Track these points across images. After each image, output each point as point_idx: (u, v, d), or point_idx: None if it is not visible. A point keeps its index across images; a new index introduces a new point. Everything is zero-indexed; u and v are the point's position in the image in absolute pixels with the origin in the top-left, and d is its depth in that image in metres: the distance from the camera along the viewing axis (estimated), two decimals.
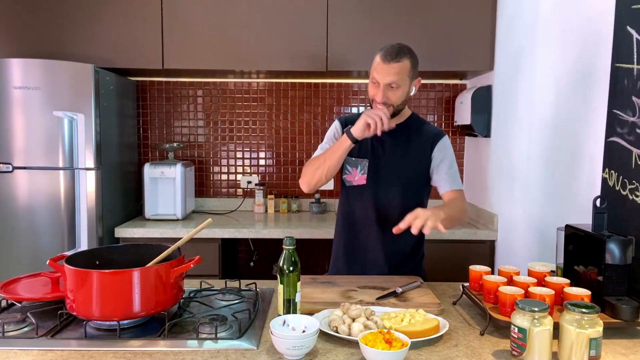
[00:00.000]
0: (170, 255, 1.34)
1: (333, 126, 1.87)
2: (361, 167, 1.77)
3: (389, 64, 1.66)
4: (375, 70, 1.69)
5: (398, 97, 1.69)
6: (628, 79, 1.47)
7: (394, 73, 1.65)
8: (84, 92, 2.43)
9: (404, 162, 1.77)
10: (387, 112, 1.64)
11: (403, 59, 1.68)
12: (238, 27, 2.68)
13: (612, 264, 1.23)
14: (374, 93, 1.69)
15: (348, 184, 1.81)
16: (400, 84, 1.68)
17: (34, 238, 2.45)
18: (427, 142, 1.78)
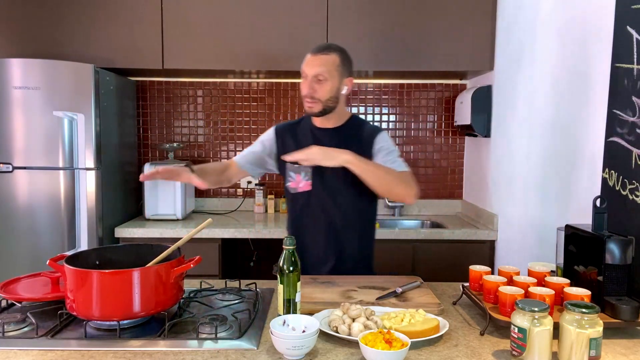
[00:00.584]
0: (170, 255, 1.34)
1: (268, 133, 1.87)
2: (305, 173, 1.75)
3: (316, 55, 1.69)
4: (304, 64, 1.70)
5: (325, 91, 1.68)
6: (628, 79, 1.47)
7: (321, 64, 1.66)
8: (84, 92, 2.43)
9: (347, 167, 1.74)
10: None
11: (331, 52, 1.70)
12: (238, 27, 2.68)
13: (612, 264, 1.23)
14: (302, 88, 1.70)
15: (293, 191, 1.79)
16: (328, 76, 1.67)
17: (34, 238, 2.45)
18: (367, 141, 1.76)
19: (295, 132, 1.83)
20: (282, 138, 1.84)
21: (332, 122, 1.78)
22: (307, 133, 1.81)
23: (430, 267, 2.55)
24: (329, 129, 1.79)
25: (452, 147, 3.18)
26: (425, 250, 2.58)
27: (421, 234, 2.59)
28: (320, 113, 1.71)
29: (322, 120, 1.77)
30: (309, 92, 1.68)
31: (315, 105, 1.69)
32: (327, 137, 1.77)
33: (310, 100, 1.68)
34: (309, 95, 1.68)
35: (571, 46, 1.88)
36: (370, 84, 3.15)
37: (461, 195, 3.19)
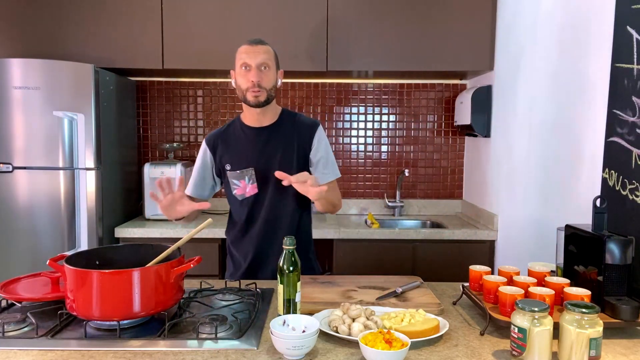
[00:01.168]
0: (170, 255, 1.34)
1: (201, 149, 1.85)
2: (248, 177, 1.75)
3: (256, 45, 1.70)
4: (244, 54, 1.69)
5: (270, 80, 1.70)
6: (628, 79, 1.47)
7: (264, 52, 1.69)
8: (84, 92, 2.43)
9: (287, 160, 1.75)
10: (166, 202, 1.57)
11: (266, 44, 1.73)
12: (238, 27, 2.68)
13: (612, 264, 1.23)
14: (246, 79, 1.68)
15: (241, 198, 1.77)
16: (270, 65, 1.70)
17: (34, 238, 2.45)
18: (305, 134, 1.77)
19: (226, 138, 1.81)
20: (215, 147, 1.81)
21: (268, 118, 1.77)
22: (241, 135, 1.78)
23: (430, 267, 2.55)
24: (264, 127, 1.77)
25: (452, 147, 3.18)
26: (425, 250, 2.58)
27: (421, 234, 2.59)
28: (265, 102, 1.71)
29: (258, 117, 1.75)
30: (257, 80, 1.67)
31: (261, 94, 1.68)
32: (267, 135, 1.76)
33: (257, 90, 1.67)
34: (256, 84, 1.67)
35: (571, 46, 1.88)
36: (370, 84, 3.15)
37: (461, 195, 3.19)
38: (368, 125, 3.18)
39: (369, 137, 3.18)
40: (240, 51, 1.71)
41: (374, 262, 2.56)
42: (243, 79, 1.69)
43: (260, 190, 1.75)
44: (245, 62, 1.68)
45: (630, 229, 1.40)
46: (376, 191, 3.18)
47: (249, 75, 1.68)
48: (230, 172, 1.77)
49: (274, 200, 1.76)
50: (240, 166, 1.75)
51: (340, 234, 2.56)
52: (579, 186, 1.76)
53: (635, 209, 1.40)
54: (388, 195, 3.16)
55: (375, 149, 3.19)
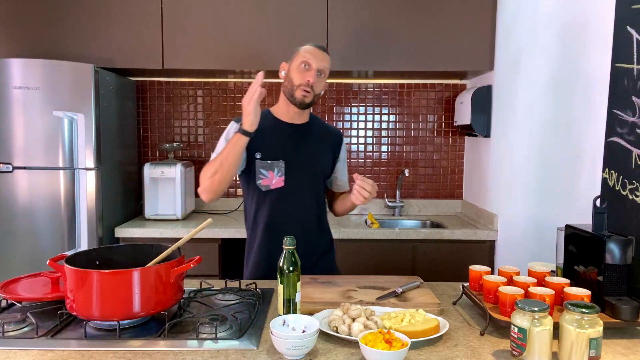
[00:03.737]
0: (170, 255, 1.34)
1: (230, 127, 1.82)
2: (278, 169, 1.75)
3: (322, 51, 1.75)
4: (309, 54, 1.72)
5: (321, 87, 1.76)
6: (628, 79, 1.47)
7: (327, 60, 1.75)
8: (84, 92, 2.43)
9: (316, 160, 1.81)
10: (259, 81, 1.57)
11: (328, 54, 1.78)
12: (238, 27, 2.68)
13: (612, 264, 1.23)
14: (302, 76, 1.70)
15: (265, 189, 1.76)
16: (326, 74, 1.75)
17: (34, 238, 2.45)
18: (334, 142, 1.88)
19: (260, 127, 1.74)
20: None
21: (302, 118, 1.81)
22: (275, 127, 1.79)
23: (430, 267, 2.55)
24: (300, 124, 1.81)
25: (452, 147, 3.18)
26: (425, 250, 2.58)
27: (421, 234, 2.59)
28: (308, 105, 1.75)
29: (294, 115, 1.78)
30: (313, 82, 1.70)
31: (309, 96, 1.71)
32: (301, 132, 1.81)
33: (309, 90, 1.70)
34: (309, 85, 1.69)
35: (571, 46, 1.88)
36: (370, 84, 3.15)
37: (461, 195, 3.19)
38: (368, 125, 3.18)
39: (369, 137, 3.18)
40: (306, 50, 1.74)
41: (374, 262, 2.56)
42: (300, 75, 1.71)
43: (287, 184, 1.76)
44: (308, 61, 1.70)
45: (630, 229, 1.40)
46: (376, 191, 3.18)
47: (306, 75, 1.70)
48: (259, 161, 1.75)
49: (298, 197, 1.77)
50: (271, 157, 1.75)
51: (341, 234, 2.56)
52: (579, 186, 1.77)
53: (635, 209, 1.40)
54: (388, 195, 3.16)
55: (375, 149, 3.19)
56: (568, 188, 1.85)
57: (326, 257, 1.87)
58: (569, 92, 1.88)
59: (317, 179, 1.82)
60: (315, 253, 1.83)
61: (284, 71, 1.78)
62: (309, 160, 1.79)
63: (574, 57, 1.85)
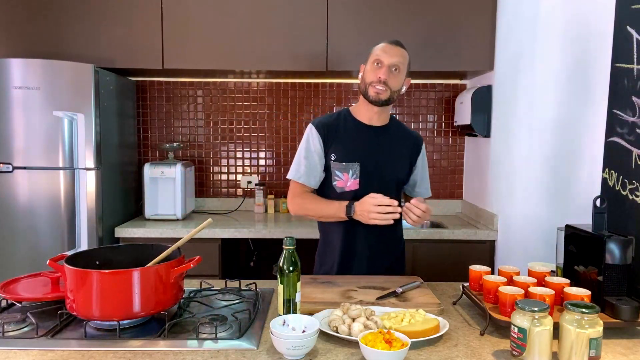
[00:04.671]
0: (170, 255, 1.34)
1: (309, 134, 1.77)
2: (352, 171, 1.73)
3: (395, 46, 1.71)
4: (381, 51, 1.70)
5: (398, 82, 1.71)
6: (628, 79, 1.47)
7: (400, 55, 1.70)
8: (84, 92, 2.43)
9: (392, 165, 1.77)
10: (389, 206, 1.58)
11: (404, 48, 1.74)
12: (238, 27, 2.68)
13: (612, 264, 1.23)
14: (374, 74, 1.68)
15: (340, 190, 1.75)
16: (401, 69, 1.71)
17: (34, 238, 2.45)
18: (412, 146, 1.82)
19: (336, 127, 1.77)
20: (326, 134, 1.76)
21: (382, 119, 1.78)
22: (354, 130, 1.76)
23: (430, 267, 2.55)
24: (379, 127, 1.78)
25: (452, 147, 3.18)
26: (425, 250, 2.58)
27: (421, 234, 2.59)
28: (386, 102, 1.71)
29: (373, 115, 1.76)
30: (385, 78, 1.67)
31: (384, 92, 1.68)
32: (379, 135, 1.77)
33: (382, 87, 1.67)
34: (382, 80, 1.66)
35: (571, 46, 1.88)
36: None
37: (461, 195, 3.19)
38: None
39: None
40: (376, 48, 1.72)
41: None
42: (371, 73, 1.70)
43: (361, 187, 1.73)
44: (379, 59, 1.69)
45: (630, 229, 1.40)
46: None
47: (378, 72, 1.68)
48: (334, 163, 1.74)
49: None
50: (347, 159, 1.74)
51: None
52: (579, 186, 1.77)
53: (635, 209, 1.40)
54: None
55: None
56: (568, 188, 1.85)
57: (399, 263, 1.85)
58: (569, 92, 1.88)
59: (391, 183, 1.77)
60: (389, 258, 1.82)
61: (361, 73, 1.77)
62: (385, 163, 1.75)
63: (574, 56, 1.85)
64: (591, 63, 1.71)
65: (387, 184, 1.76)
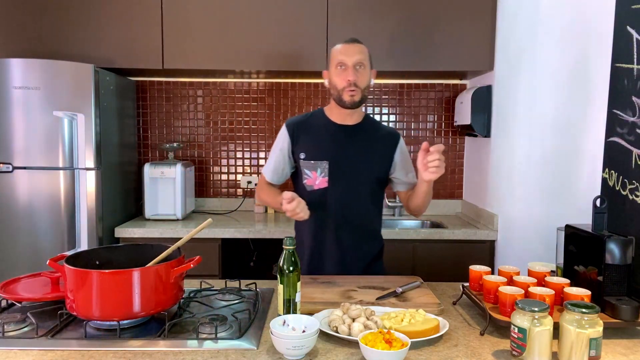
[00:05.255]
0: (170, 255, 1.34)
1: (280, 133, 1.82)
2: (321, 169, 1.74)
3: (352, 44, 1.70)
4: (341, 54, 1.69)
5: (365, 79, 1.71)
6: (628, 79, 1.47)
7: (360, 51, 1.69)
8: (84, 92, 2.43)
9: (365, 163, 1.76)
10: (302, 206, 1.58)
11: (361, 43, 1.73)
12: (238, 27, 2.68)
13: (612, 264, 1.23)
14: (342, 79, 1.68)
15: (309, 189, 1.76)
16: (365, 64, 1.70)
17: (34, 238, 2.45)
18: (388, 143, 1.80)
19: (307, 126, 1.80)
20: (294, 133, 1.79)
21: (354, 118, 1.78)
22: (325, 129, 1.78)
23: (430, 267, 2.55)
24: (351, 126, 1.78)
25: (452, 147, 3.18)
26: (425, 250, 2.58)
27: (421, 234, 2.59)
28: (360, 102, 1.72)
29: (345, 116, 1.76)
30: (354, 79, 1.67)
31: (356, 93, 1.69)
32: (349, 134, 1.77)
33: (353, 89, 1.67)
34: (353, 82, 1.67)
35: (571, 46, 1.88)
36: None
37: (461, 195, 3.19)
38: None
39: None
40: (335, 50, 1.72)
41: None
42: (339, 78, 1.69)
43: (331, 185, 1.74)
44: (342, 61, 1.68)
45: (630, 229, 1.40)
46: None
47: (345, 74, 1.68)
48: (303, 161, 1.76)
49: (343, 199, 1.74)
50: (315, 157, 1.74)
51: None
52: (579, 186, 1.77)
53: (635, 209, 1.40)
54: (388, 195, 3.16)
55: None
56: (568, 188, 1.85)
57: (376, 263, 1.84)
58: (569, 92, 1.88)
59: (365, 182, 1.76)
60: (365, 259, 1.80)
61: (327, 80, 1.77)
62: (356, 162, 1.75)
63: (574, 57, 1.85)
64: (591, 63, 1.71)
65: (360, 181, 1.75)
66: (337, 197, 1.74)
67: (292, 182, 1.87)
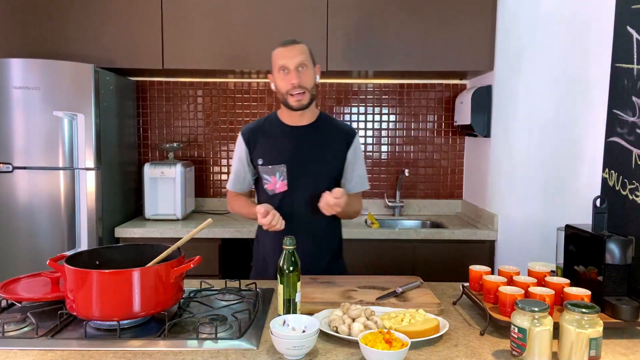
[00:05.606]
0: (170, 255, 1.34)
1: (238, 142, 1.84)
2: (280, 173, 1.74)
3: (290, 46, 1.69)
4: (281, 57, 1.68)
5: (310, 79, 1.70)
6: (628, 79, 1.47)
7: (300, 52, 1.68)
8: (84, 92, 2.43)
9: (322, 163, 1.76)
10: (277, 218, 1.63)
11: (300, 43, 1.72)
12: (238, 27, 2.68)
13: (612, 264, 1.23)
14: (286, 82, 1.68)
15: (271, 193, 1.77)
16: (307, 64, 1.70)
17: (34, 238, 2.45)
18: (342, 141, 1.79)
19: (261, 132, 1.81)
20: (249, 140, 1.81)
21: (307, 118, 1.78)
22: (279, 133, 1.78)
23: (430, 267, 2.55)
24: (303, 126, 1.78)
25: (452, 147, 3.18)
26: (425, 250, 2.58)
27: (421, 234, 2.59)
28: (309, 104, 1.71)
29: (297, 117, 1.76)
30: (298, 82, 1.66)
31: (304, 96, 1.69)
32: (303, 135, 1.77)
33: (299, 92, 1.67)
34: (297, 85, 1.66)
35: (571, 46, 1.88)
36: (370, 84, 3.15)
37: (461, 195, 3.19)
38: (368, 125, 3.18)
39: (369, 137, 3.18)
40: (276, 54, 1.71)
41: (374, 262, 2.56)
42: (283, 82, 1.69)
43: (291, 188, 1.74)
44: (284, 65, 1.67)
45: (630, 229, 1.40)
46: (376, 191, 3.18)
47: (288, 78, 1.67)
48: (261, 167, 1.76)
49: (303, 200, 1.75)
50: (273, 162, 1.75)
51: None
52: (579, 186, 1.77)
53: (635, 209, 1.40)
54: (388, 195, 3.16)
55: (375, 149, 3.19)
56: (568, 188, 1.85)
57: (337, 263, 1.85)
58: (569, 92, 1.88)
59: (322, 181, 1.75)
60: (325, 258, 1.81)
61: (272, 83, 1.77)
62: (313, 161, 1.75)
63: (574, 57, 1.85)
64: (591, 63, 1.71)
65: (317, 181, 1.74)
66: (298, 199, 1.75)
67: (255, 188, 1.89)
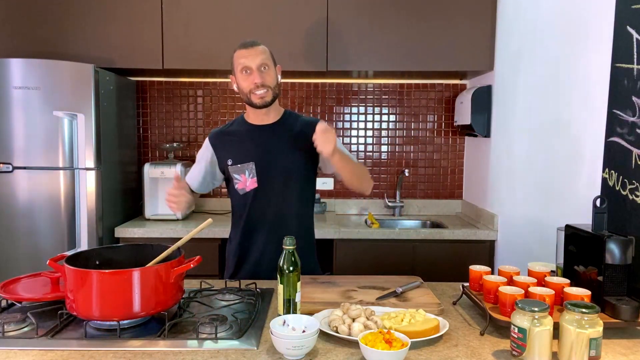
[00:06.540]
0: (170, 255, 1.34)
1: (204, 145, 1.88)
2: (249, 171, 1.76)
3: (251, 48, 1.72)
4: (242, 58, 1.71)
5: (272, 78, 1.73)
6: (628, 79, 1.47)
7: (261, 52, 1.71)
8: (84, 92, 2.43)
9: (291, 158, 1.77)
10: (181, 198, 1.70)
11: (260, 44, 1.75)
12: (238, 27, 2.68)
13: (612, 264, 1.23)
14: (249, 82, 1.70)
15: (242, 192, 1.79)
16: (269, 64, 1.72)
17: (34, 238, 2.45)
18: (308, 133, 1.74)
19: (229, 134, 1.84)
20: (216, 143, 1.84)
21: (272, 116, 1.80)
22: (246, 133, 1.80)
23: (430, 267, 2.55)
24: (269, 124, 1.80)
25: (452, 147, 3.18)
26: (425, 250, 2.58)
27: (421, 234, 2.59)
28: (272, 101, 1.74)
29: (262, 116, 1.78)
30: (261, 80, 1.68)
31: (267, 94, 1.71)
32: (270, 132, 1.79)
33: (262, 90, 1.69)
34: (260, 83, 1.68)
35: (571, 46, 1.88)
36: (370, 84, 3.15)
37: (461, 195, 3.19)
38: (368, 125, 3.18)
39: (369, 137, 3.18)
40: (237, 56, 1.73)
41: (374, 262, 2.56)
42: (246, 82, 1.72)
43: (261, 185, 1.76)
44: (246, 66, 1.70)
45: (630, 229, 1.40)
46: (376, 191, 3.18)
47: (251, 78, 1.70)
48: (231, 167, 1.78)
49: (275, 197, 1.76)
50: (242, 160, 1.77)
51: (341, 234, 2.56)
52: (579, 186, 1.76)
53: (635, 209, 1.40)
54: (388, 195, 3.16)
55: (375, 149, 3.19)
56: (568, 188, 1.85)
57: (310, 261, 1.84)
58: (569, 92, 1.88)
59: (292, 176, 1.77)
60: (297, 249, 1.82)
61: (235, 85, 1.79)
62: (280, 158, 1.76)
63: (574, 57, 1.85)
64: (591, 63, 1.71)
65: (287, 175, 1.76)
66: (268, 195, 1.76)
67: (227, 191, 1.91)
